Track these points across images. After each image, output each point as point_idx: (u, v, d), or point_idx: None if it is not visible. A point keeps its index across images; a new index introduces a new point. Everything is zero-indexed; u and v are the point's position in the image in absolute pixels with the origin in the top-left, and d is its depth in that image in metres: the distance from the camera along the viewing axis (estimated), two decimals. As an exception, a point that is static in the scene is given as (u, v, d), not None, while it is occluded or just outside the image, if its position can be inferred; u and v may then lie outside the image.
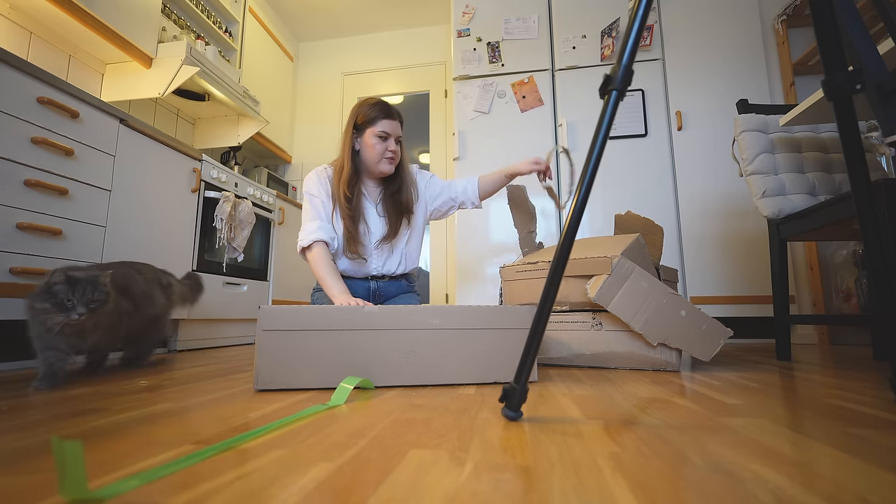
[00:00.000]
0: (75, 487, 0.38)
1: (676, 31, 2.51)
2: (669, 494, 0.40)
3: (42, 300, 1.03)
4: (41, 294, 1.03)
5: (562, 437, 0.59)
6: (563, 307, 1.39)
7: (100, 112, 1.63)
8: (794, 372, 1.22)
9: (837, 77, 0.83)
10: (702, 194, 2.35)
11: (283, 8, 3.47)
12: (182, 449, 0.54)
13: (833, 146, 1.60)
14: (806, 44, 2.56)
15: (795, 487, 0.42)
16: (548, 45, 2.61)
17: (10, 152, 1.33)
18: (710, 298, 2.26)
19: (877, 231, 0.81)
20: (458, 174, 2.57)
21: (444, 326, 1.04)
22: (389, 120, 1.48)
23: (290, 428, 0.64)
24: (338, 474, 0.45)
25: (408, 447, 0.55)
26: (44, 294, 1.03)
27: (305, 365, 0.98)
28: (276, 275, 2.71)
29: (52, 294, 1.03)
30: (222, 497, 0.40)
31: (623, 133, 2.45)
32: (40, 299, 1.03)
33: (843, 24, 0.90)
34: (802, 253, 2.44)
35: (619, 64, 0.70)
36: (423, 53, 3.69)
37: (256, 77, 3.18)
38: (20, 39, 1.94)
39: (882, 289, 0.81)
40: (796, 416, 0.70)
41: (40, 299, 1.03)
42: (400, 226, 1.53)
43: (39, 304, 1.02)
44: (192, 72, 2.27)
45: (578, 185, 0.70)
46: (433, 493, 0.41)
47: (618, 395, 0.90)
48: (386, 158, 1.48)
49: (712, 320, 1.24)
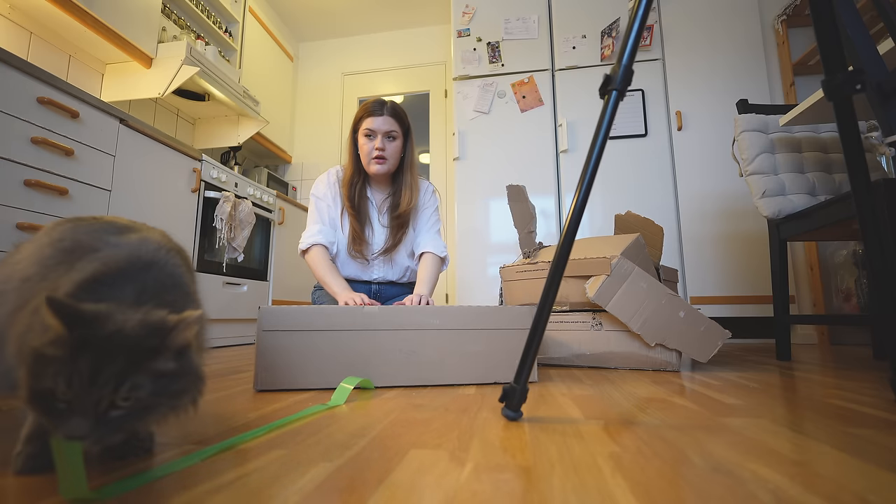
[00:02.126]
0: (75, 487, 0.38)
1: (676, 31, 2.51)
2: (669, 494, 0.40)
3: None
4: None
5: (562, 437, 0.59)
6: (563, 307, 1.39)
7: (100, 112, 1.63)
8: (794, 372, 1.22)
9: (837, 77, 0.83)
10: (702, 194, 2.35)
11: (283, 8, 3.47)
12: (182, 449, 0.54)
13: (833, 146, 1.60)
14: (806, 44, 2.56)
15: (795, 487, 0.42)
16: (548, 45, 2.61)
17: (10, 152, 1.33)
18: (709, 298, 2.26)
19: (877, 231, 0.81)
20: (459, 174, 2.57)
21: (444, 326, 1.04)
22: (373, 117, 1.43)
23: (290, 428, 0.64)
24: (338, 474, 0.45)
25: (408, 447, 0.55)
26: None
27: (305, 365, 0.98)
28: (276, 275, 2.71)
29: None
30: (222, 497, 0.40)
31: (623, 133, 2.45)
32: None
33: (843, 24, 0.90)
34: (802, 253, 2.44)
35: (619, 64, 0.70)
36: (423, 53, 3.69)
37: (256, 77, 3.18)
38: (20, 39, 1.94)
39: (882, 289, 0.81)
40: (796, 416, 0.70)
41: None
42: (400, 238, 1.50)
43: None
44: (192, 72, 2.27)
45: (578, 185, 0.70)
46: (433, 493, 0.41)
47: (618, 394, 0.90)
48: (373, 158, 1.43)
49: (711, 322, 1.24)
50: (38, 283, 0.46)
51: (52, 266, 0.47)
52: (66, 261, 0.47)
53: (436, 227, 1.57)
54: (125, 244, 0.49)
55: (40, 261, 0.48)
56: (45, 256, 0.48)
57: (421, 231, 1.55)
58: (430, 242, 1.50)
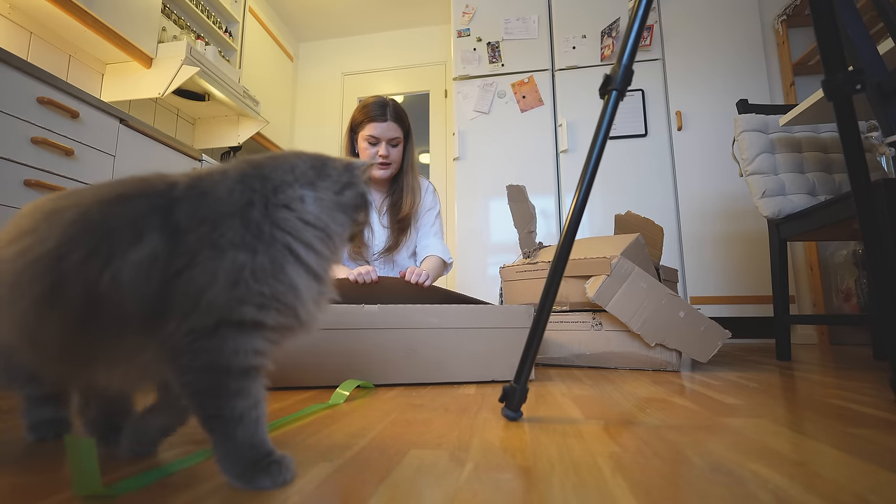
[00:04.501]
0: (89, 484, 0.38)
1: (676, 31, 2.51)
2: (669, 494, 0.40)
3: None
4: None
5: (562, 437, 0.59)
6: (563, 307, 1.39)
7: (100, 112, 1.63)
8: (794, 372, 1.22)
9: (837, 77, 0.83)
10: (702, 194, 2.35)
11: (283, 8, 3.47)
12: (182, 449, 0.54)
13: (833, 146, 1.60)
14: (806, 44, 2.56)
15: (795, 487, 0.42)
16: (548, 45, 2.61)
17: (10, 152, 1.33)
18: (710, 298, 2.26)
19: (877, 231, 0.81)
20: (459, 174, 2.57)
21: (443, 325, 1.04)
22: (378, 123, 1.40)
23: (290, 428, 0.64)
24: (338, 474, 0.45)
25: (408, 447, 0.55)
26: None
27: (305, 364, 0.98)
28: (276, 275, 2.70)
29: None
30: (222, 497, 0.40)
31: (623, 133, 2.45)
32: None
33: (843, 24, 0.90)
34: (802, 253, 2.44)
35: (619, 64, 0.70)
36: (423, 53, 3.68)
37: (256, 77, 3.18)
38: (20, 39, 1.94)
39: (882, 289, 0.81)
40: (796, 416, 0.70)
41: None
42: (401, 239, 1.49)
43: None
44: (192, 72, 2.27)
45: (578, 185, 0.70)
46: (433, 494, 0.41)
47: (618, 394, 0.90)
48: (377, 164, 1.42)
49: (711, 322, 1.24)
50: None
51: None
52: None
53: (440, 232, 1.56)
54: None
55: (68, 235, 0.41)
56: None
57: (427, 235, 1.53)
58: (437, 247, 1.49)
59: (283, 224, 0.42)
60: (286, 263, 0.42)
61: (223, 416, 0.40)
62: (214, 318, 0.39)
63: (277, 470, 0.41)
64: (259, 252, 0.40)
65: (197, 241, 0.40)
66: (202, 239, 0.40)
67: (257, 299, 0.40)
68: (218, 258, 0.39)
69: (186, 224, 0.41)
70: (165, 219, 0.41)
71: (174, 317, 0.39)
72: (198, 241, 0.40)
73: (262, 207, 0.42)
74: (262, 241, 0.41)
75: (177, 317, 0.39)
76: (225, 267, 0.39)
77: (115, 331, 0.40)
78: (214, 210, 0.41)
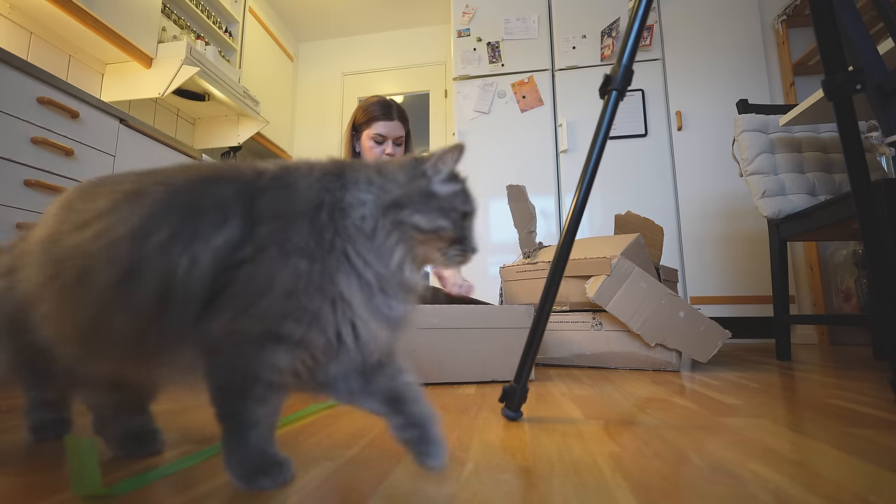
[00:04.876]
0: (89, 484, 0.38)
1: (676, 31, 2.50)
2: (669, 494, 0.40)
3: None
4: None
5: (562, 437, 0.59)
6: (563, 307, 1.39)
7: (100, 112, 1.63)
8: (794, 372, 1.22)
9: (837, 77, 0.83)
10: (702, 194, 2.35)
11: (283, 8, 3.47)
12: (182, 449, 0.54)
13: (833, 146, 1.60)
14: (806, 44, 2.56)
15: (795, 487, 0.42)
16: (548, 45, 2.61)
17: (10, 152, 1.33)
18: (710, 298, 2.26)
19: (877, 231, 0.81)
20: (458, 174, 2.57)
21: (443, 325, 1.04)
22: (386, 121, 1.42)
23: (290, 428, 0.64)
24: (338, 474, 0.45)
25: (408, 447, 0.55)
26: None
27: (305, 365, 0.97)
28: (276, 275, 2.71)
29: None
30: (222, 497, 0.40)
31: (623, 133, 2.45)
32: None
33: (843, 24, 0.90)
34: (802, 253, 2.44)
35: (619, 64, 0.70)
36: (423, 53, 3.68)
37: (256, 77, 3.18)
38: (20, 39, 1.94)
39: (882, 289, 0.81)
40: (796, 416, 0.71)
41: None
42: None
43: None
44: (192, 72, 2.26)
45: (578, 185, 0.70)
46: (433, 494, 0.41)
47: (618, 394, 0.90)
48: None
49: (711, 322, 1.24)
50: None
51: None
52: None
53: None
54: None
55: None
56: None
57: None
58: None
59: (343, 231, 0.40)
60: (337, 272, 0.39)
61: (240, 419, 0.40)
62: (263, 326, 0.38)
63: (278, 471, 0.41)
64: (317, 260, 0.39)
65: (267, 236, 0.39)
66: (272, 236, 0.39)
67: (302, 315, 0.39)
68: (282, 261, 0.38)
69: (264, 214, 0.40)
70: (248, 206, 0.40)
71: (226, 312, 0.38)
72: (268, 237, 0.39)
73: (330, 210, 0.41)
74: (322, 247, 0.39)
75: (229, 313, 0.38)
76: (286, 273, 0.38)
77: (182, 321, 0.39)
78: (291, 206, 0.40)
